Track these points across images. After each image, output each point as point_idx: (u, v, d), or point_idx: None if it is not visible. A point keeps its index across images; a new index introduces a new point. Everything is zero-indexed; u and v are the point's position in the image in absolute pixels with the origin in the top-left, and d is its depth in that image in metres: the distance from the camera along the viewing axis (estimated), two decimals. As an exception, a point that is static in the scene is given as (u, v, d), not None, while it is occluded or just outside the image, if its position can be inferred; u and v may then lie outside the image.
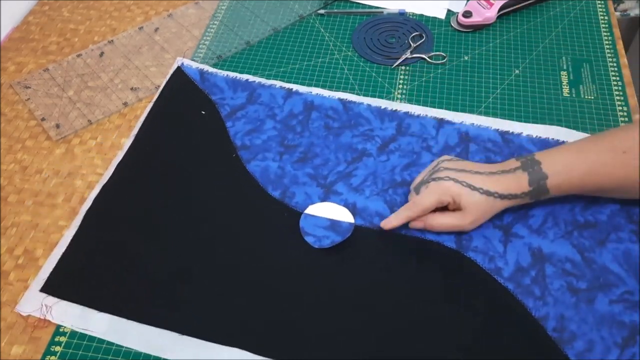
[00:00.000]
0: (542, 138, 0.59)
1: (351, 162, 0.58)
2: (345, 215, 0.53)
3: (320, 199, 0.55)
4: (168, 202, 0.55)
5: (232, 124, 0.61)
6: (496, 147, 0.58)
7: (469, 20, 0.71)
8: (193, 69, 0.67)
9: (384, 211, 0.54)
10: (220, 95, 0.64)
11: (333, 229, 0.52)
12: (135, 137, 0.61)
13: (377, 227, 0.52)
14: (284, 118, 0.62)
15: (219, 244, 0.52)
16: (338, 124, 0.61)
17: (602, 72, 0.66)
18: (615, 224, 0.52)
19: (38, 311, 0.48)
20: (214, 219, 0.54)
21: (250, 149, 0.59)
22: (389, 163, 0.57)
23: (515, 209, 0.52)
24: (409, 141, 0.59)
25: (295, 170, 0.57)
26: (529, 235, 0.51)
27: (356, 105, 0.62)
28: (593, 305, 0.47)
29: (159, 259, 0.51)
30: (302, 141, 0.60)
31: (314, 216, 0.53)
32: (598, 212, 0.53)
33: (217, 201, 0.55)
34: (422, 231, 0.52)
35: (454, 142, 0.59)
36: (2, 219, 0.55)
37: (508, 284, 0.49)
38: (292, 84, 0.65)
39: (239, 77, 0.66)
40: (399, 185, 0.56)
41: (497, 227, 0.52)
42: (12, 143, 0.62)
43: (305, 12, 0.75)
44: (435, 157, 0.57)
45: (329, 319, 0.47)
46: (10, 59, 0.71)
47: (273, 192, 0.56)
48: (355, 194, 0.55)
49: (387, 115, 0.61)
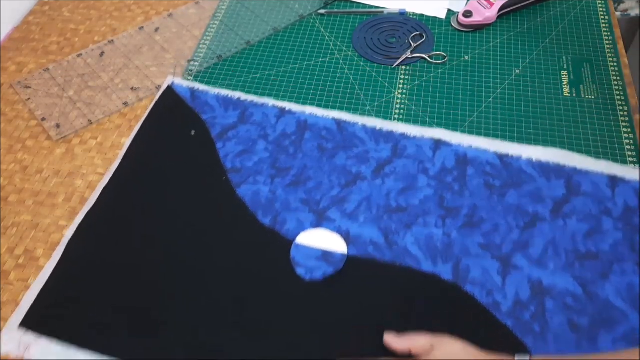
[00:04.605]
0: (542, 162, 0.57)
1: (345, 186, 0.56)
2: (338, 244, 0.51)
3: (312, 225, 0.53)
4: (154, 231, 0.53)
5: (222, 145, 0.59)
6: (495, 170, 0.56)
7: (470, 20, 0.71)
8: (184, 88, 0.65)
9: (378, 239, 0.52)
10: (211, 114, 0.62)
11: (325, 260, 0.50)
12: (121, 160, 0.58)
13: (371, 257, 0.51)
14: (277, 138, 0.60)
15: (206, 276, 0.50)
16: (332, 144, 0.59)
17: (603, 71, 0.66)
18: (618, 255, 0.50)
19: (17, 349, 0.46)
20: (202, 249, 0.52)
21: (241, 172, 0.57)
22: (384, 187, 0.55)
23: (515, 236, 0.51)
24: (404, 164, 0.57)
25: (287, 194, 0.55)
26: (529, 266, 0.50)
27: (351, 125, 0.60)
28: (596, 344, 0.45)
29: (144, 292, 0.49)
30: (294, 163, 0.57)
31: (306, 246, 0.51)
32: (600, 240, 0.51)
33: (206, 230, 0.53)
34: (419, 263, 0.50)
35: (451, 165, 0.57)
36: (3, 218, 0.55)
37: (507, 320, 0.47)
38: (286, 102, 0.63)
39: (230, 96, 0.64)
40: (394, 211, 0.54)
41: (496, 257, 0.50)
42: (12, 143, 0.62)
43: (306, 12, 0.75)
44: (431, 181, 0.56)
45: (319, 352, 0.46)
46: (11, 59, 0.71)
47: (263, 219, 0.53)
48: (348, 220, 0.53)
49: (383, 137, 0.59)
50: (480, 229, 0.52)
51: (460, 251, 0.51)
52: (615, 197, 0.53)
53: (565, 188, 0.54)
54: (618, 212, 0.52)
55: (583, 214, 0.52)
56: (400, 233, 0.52)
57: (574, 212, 0.52)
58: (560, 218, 0.52)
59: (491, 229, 0.52)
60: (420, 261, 0.50)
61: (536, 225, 0.52)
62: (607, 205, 0.53)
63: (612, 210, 0.52)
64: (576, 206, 0.53)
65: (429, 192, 0.55)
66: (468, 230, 0.52)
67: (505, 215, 0.53)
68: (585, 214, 0.52)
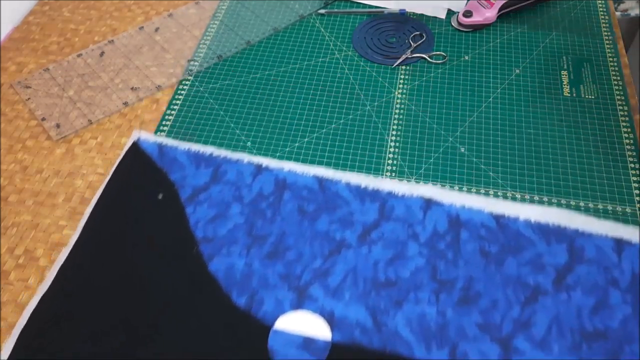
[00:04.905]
0: (542, 223, 0.52)
1: (328, 255, 0.50)
2: (321, 329, 0.46)
3: (292, 306, 0.48)
4: (114, 311, 0.47)
5: (193, 210, 0.54)
6: (490, 234, 0.52)
7: (470, 20, 0.71)
8: (150, 143, 0.59)
9: (365, 320, 0.47)
10: (180, 172, 0.56)
11: (307, 348, 0.45)
12: (82, 228, 0.53)
13: (358, 344, 0.46)
14: (253, 200, 0.54)
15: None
16: (314, 206, 0.54)
17: (603, 71, 0.66)
18: (628, 334, 0.46)
19: None
20: (170, 336, 0.46)
21: (213, 242, 0.51)
22: (371, 256, 0.50)
23: (516, 313, 0.47)
24: (393, 228, 0.52)
25: (264, 268, 0.50)
26: (532, 349, 0.45)
27: (333, 183, 0.55)
28: None
29: None
30: (272, 229, 0.52)
31: (285, 332, 0.46)
32: (608, 317, 0.47)
33: (174, 313, 0.47)
34: (411, 348, 0.46)
35: (444, 229, 0.52)
36: (3, 218, 0.55)
37: None
38: (262, 157, 0.58)
39: (202, 151, 0.58)
40: (382, 286, 0.49)
41: (496, 340, 0.46)
42: (12, 143, 0.62)
43: (306, 12, 0.75)
44: (423, 249, 0.51)
45: None
46: (11, 59, 0.71)
47: (238, 300, 0.48)
48: (332, 298, 0.48)
49: (369, 196, 0.54)
50: (478, 306, 0.48)
51: (456, 333, 0.46)
52: (621, 264, 0.50)
53: (568, 254, 0.50)
54: (626, 281, 0.49)
55: (588, 285, 0.48)
56: (390, 312, 0.48)
57: (579, 283, 0.48)
58: (564, 290, 0.48)
59: (489, 305, 0.48)
60: (412, 346, 0.46)
61: (538, 300, 0.48)
62: (614, 273, 0.49)
63: (619, 280, 0.49)
64: (580, 276, 0.49)
65: (420, 261, 0.50)
66: (464, 307, 0.48)
67: (504, 288, 0.49)
68: (591, 285, 0.48)
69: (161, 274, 0.49)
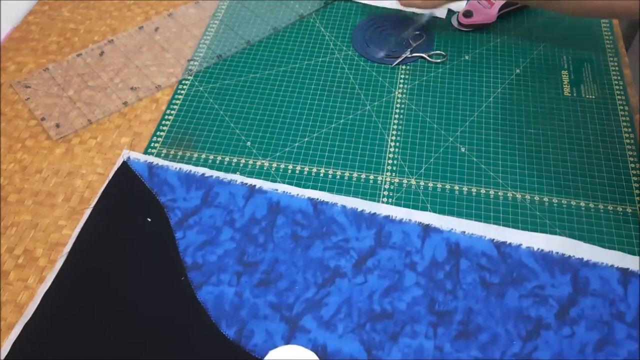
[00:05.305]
0: (545, 252, 0.50)
1: (322, 285, 0.48)
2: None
3: (284, 339, 0.46)
4: (99, 344, 0.46)
5: (182, 235, 0.52)
6: (491, 263, 0.49)
7: (470, 19, 0.71)
8: (140, 163, 0.57)
9: (359, 355, 0.45)
10: (171, 195, 0.55)
11: None
12: (69, 253, 0.52)
13: None
14: (245, 225, 0.52)
15: None
16: (307, 232, 0.52)
17: (603, 71, 0.66)
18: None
19: None
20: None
21: (202, 269, 0.49)
22: (367, 286, 0.48)
23: (517, 349, 0.45)
24: (390, 256, 0.50)
25: (255, 297, 0.48)
26: None
27: (329, 207, 0.53)
28: None
29: None
30: (264, 256, 0.50)
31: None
32: (613, 354, 0.44)
33: (161, 344, 0.46)
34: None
35: (443, 258, 0.50)
36: (2, 218, 0.55)
37: None
38: (255, 179, 0.56)
39: (193, 172, 0.56)
40: (378, 317, 0.47)
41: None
42: (12, 143, 0.62)
43: (306, 11, 0.75)
44: (420, 279, 0.49)
45: None
46: (10, 59, 0.71)
47: (227, 331, 0.46)
48: (326, 331, 0.46)
49: (365, 221, 0.52)
50: (477, 340, 0.46)
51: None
52: (627, 297, 0.47)
53: (572, 286, 0.48)
54: (631, 315, 0.46)
55: (593, 319, 0.46)
56: (385, 347, 0.45)
57: (583, 317, 0.47)
58: (567, 325, 0.46)
59: (489, 340, 0.46)
60: None
61: (540, 335, 0.46)
62: (619, 307, 0.47)
63: (625, 314, 0.46)
64: (584, 309, 0.47)
65: (417, 292, 0.48)
66: (463, 342, 0.46)
67: (505, 322, 0.47)
68: (595, 320, 0.46)
69: (149, 302, 0.48)
